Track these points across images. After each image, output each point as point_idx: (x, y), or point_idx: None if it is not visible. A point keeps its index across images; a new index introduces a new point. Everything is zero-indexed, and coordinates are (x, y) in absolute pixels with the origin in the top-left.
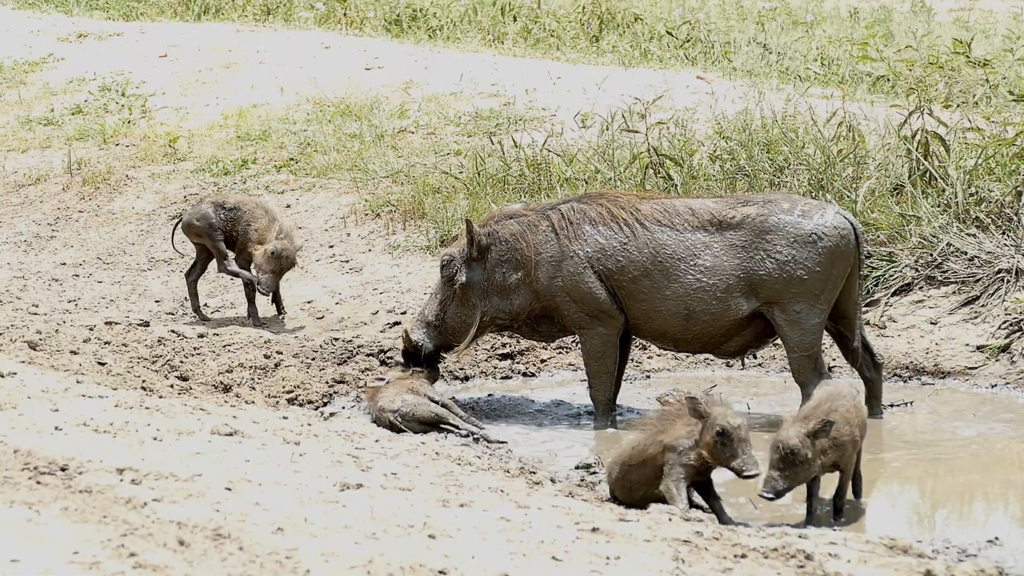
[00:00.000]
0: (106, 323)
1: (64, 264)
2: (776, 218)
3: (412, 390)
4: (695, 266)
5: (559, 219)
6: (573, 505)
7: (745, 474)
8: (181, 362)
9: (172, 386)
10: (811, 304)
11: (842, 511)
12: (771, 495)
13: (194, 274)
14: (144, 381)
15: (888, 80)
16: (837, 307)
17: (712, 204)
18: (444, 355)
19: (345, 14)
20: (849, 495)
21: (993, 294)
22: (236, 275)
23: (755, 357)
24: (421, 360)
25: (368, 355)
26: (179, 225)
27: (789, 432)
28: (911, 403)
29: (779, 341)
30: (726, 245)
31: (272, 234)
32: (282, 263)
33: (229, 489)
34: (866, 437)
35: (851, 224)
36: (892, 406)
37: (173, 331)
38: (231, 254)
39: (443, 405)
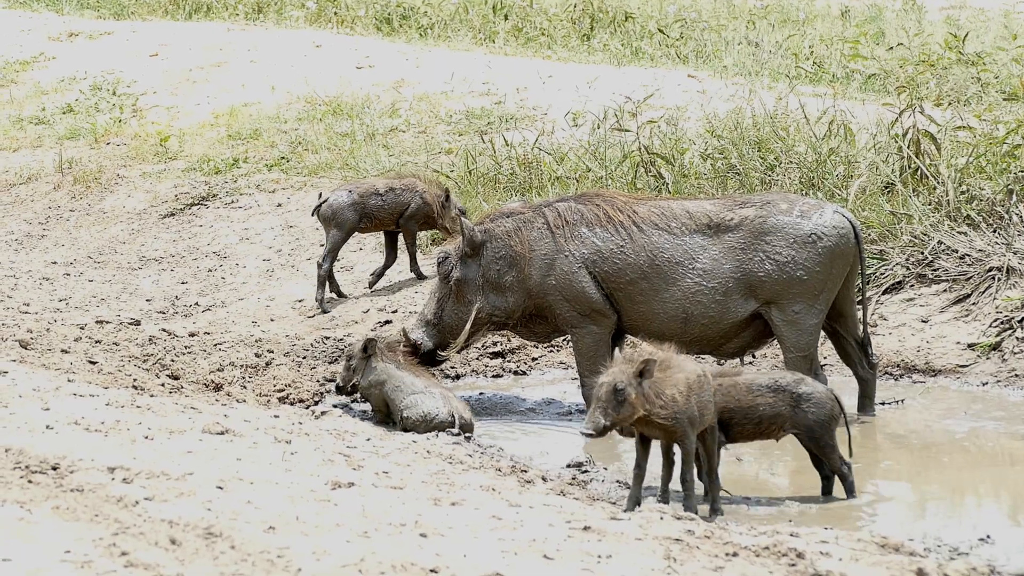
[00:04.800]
0: (97, 322)
1: (55, 263)
2: (775, 219)
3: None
4: (693, 269)
5: (555, 217)
6: (565, 503)
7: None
8: (172, 361)
9: (163, 385)
10: (809, 304)
11: (690, 493)
12: (591, 432)
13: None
14: (135, 380)
15: (879, 78)
16: (835, 305)
17: (709, 206)
18: (443, 354)
19: (336, 13)
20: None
21: (984, 292)
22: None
23: (753, 356)
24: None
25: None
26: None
27: (614, 371)
28: (902, 401)
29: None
30: (724, 248)
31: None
32: None
33: (220, 488)
34: (855, 435)
35: (850, 223)
36: (883, 404)
37: (164, 330)
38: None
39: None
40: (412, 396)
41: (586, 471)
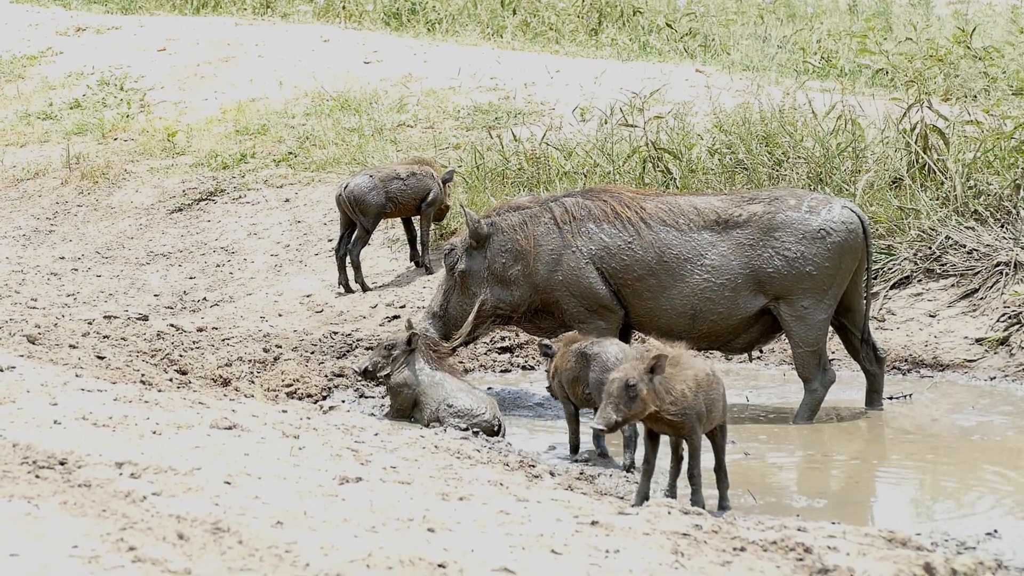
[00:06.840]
0: (105, 317)
1: (63, 258)
2: (784, 215)
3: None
4: (701, 266)
5: (562, 212)
6: (572, 498)
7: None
8: (180, 356)
9: (171, 380)
10: (818, 300)
11: (698, 488)
12: (603, 427)
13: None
14: (143, 375)
15: (887, 73)
16: (843, 300)
17: (717, 202)
18: (447, 346)
19: (344, 7)
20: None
21: (992, 287)
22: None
23: (761, 352)
24: None
25: (367, 348)
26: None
27: (625, 367)
28: (910, 396)
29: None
30: (733, 244)
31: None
32: None
33: (228, 483)
34: (863, 429)
35: (859, 218)
36: (891, 399)
37: (172, 325)
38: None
39: None
40: (458, 392)
41: (594, 465)
